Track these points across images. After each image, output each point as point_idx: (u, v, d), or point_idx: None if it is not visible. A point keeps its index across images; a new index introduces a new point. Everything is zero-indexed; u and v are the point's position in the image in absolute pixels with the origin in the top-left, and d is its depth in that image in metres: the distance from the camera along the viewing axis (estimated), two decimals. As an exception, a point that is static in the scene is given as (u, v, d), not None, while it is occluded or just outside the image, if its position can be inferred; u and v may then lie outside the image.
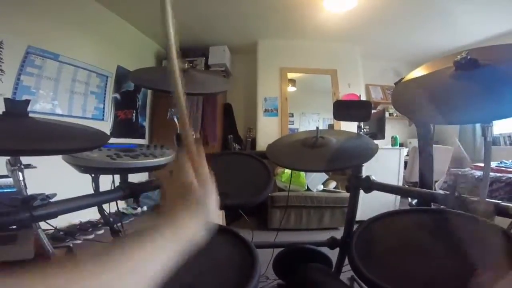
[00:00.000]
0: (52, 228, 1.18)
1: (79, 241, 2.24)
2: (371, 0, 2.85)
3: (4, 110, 0.68)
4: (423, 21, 3.26)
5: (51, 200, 0.70)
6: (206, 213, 0.39)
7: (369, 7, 2.96)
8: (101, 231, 2.46)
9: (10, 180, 1.24)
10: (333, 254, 1.24)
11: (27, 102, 0.69)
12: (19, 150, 0.57)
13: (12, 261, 1.03)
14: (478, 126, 3.66)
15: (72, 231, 2.32)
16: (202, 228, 0.38)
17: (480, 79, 0.69)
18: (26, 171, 0.76)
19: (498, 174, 1.99)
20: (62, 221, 2.31)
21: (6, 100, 0.68)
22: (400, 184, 3.08)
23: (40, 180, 0.99)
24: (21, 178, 0.70)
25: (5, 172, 1.02)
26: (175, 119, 1.04)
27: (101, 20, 3.13)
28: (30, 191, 0.75)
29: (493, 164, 2.23)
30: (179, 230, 0.35)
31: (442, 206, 0.82)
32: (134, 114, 3.73)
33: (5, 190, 1.23)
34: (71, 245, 1.93)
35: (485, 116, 0.63)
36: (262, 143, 3.86)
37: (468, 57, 0.71)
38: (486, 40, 3.51)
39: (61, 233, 2.21)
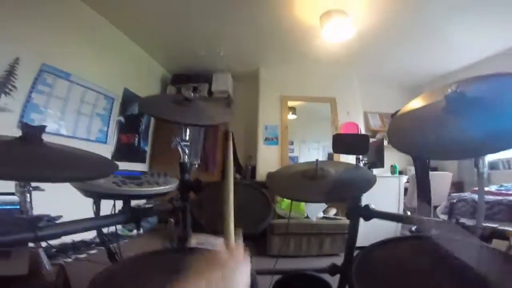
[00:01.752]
0: (49, 246, 1.17)
1: (70, 260, 2.17)
2: (367, 27, 3.00)
3: (20, 134, 0.72)
4: (418, 46, 3.41)
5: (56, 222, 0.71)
6: (228, 286, 0.38)
7: (364, 34, 3.11)
8: (94, 251, 2.41)
9: (10, 198, 1.24)
10: (333, 281, 1.22)
11: (43, 128, 0.72)
12: (33, 176, 0.59)
13: (5, 276, 1.01)
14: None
15: (64, 249, 2.27)
16: None
17: (470, 111, 0.72)
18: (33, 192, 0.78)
19: (499, 197, 2.03)
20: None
21: (23, 124, 0.72)
22: (401, 210, 3.05)
23: (41, 199, 1.00)
24: (28, 200, 0.72)
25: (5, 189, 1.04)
26: (179, 148, 1.08)
27: (112, 40, 3.23)
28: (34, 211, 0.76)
29: (493, 188, 2.27)
30: None
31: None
32: (136, 138, 3.76)
33: (7, 207, 1.23)
34: (63, 263, 1.87)
35: (476, 150, 0.66)
36: (262, 172, 3.86)
37: (458, 90, 0.74)
38: (480, 62, 3.63)
39: (54, 250, 2.16)
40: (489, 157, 0.79)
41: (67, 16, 2.62)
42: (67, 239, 2.42)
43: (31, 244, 1.02)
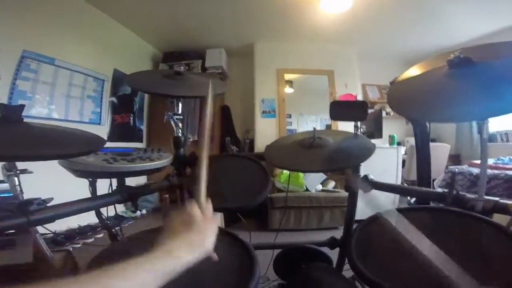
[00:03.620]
0: (51, 232, 1.18)
1: (78, 245, 2.23)
2: (366, 1, 2.87)
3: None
4: (417, 21, 3.30)
5: (47, 205, 0.69)
6: (202, 246, 0.43)
7: (364, 8, 3.00)
8: (101, 235, 2.46)
9: (6, 185, 1.23)
10: (333, 254, 1.24)
11: (21, 107, 0.68)
12: (14, 156, 0.57)
13: (11, 265, 1.03)
14: (474, 123, 3.69)
15: (71, 235, 2.32)
16: (194, 257, 0.41)
17: (474, 77, 0.70)
18: (22, 176, 0.76)
19: (496, 171, 1.99)
20: (61, 225, 2.30)
21: (1, 105, 0.68)
22: (399, 182, 3.09)
23: (36, 185, 0.99)
24: (17, 183, 0.70)
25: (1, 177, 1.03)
26: (172, 122, 1.04)
27: (97, 23, 3.13)
28: (27, 195, 0.74)
29: (491, 161, 2.24)
30: (171, 260, 0.38)
31: (440, 204, 0.82)
32: (131, 118, 3.72)
33: (1, 195, 1.23)
34: (71, 249, 1.92)
35: (480, 113, 0.64)
36: (260, 145, 3.88)
37: (461, 55, 0.71)
38: (478, 38, 3.58)
39: (61, 237, 2.21)
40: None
41: (47, 2, 2.52)
42: (73, 224, 2.47)
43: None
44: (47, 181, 1.57)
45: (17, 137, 0.61)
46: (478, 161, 2.27)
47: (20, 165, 0.76)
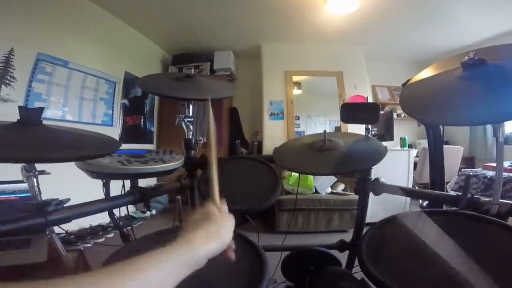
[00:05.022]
0: (63, 232, 1.21)
1: (89, 245, 2.28)
2: (373, 1, 2.84)
3: (18, 118, 0.70)
4: (426, 21, 3.24)
5: (64, 205, 0.71)
6: (221, 237, 0.44)
7: (371, 9, 2.96)
8: (111, 235, 2.50)
9: (22, 186, 1.27)
10: (342, 257, 1.23)
11: (40, 110, 0.71)
12: (34, 158, 0.59)
13: (26, 264, 1.05)
14: (489, 126, 3.59)
15: (82, 235, 2.37)
16: (213, 248, 0.42)
17: (489, 79, 0.68)
18: (40, 176, 0.78)
19: (511, 174, 1.94)
20: (73, 224, 2.34)
21: (20, 108, 0.70)
22: (410, 185, 3.03)
23: (51, 185, 1.01)
24: (35, 184, 0.72)
25: (16, 178, 1.06)
26: (183, 125, 1.06)
27: (108, 26, 3.20)
28: (44, 196, 0.77)
29: (506, 164, 2.19)
30: (191, 249, 0.39)
31: (454, 208, 0.81)
32: (142, 120, 3.78)
33: (20, 195, 1.27)
34: (82, 248, 1.96)
35: (495, 116, 0.62)
36: (269, 147, 3.87)
37: (476, 57, 0.70)
38: (488, 39, 3.50)
39: (72, 236, 2.26)
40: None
41: (60, 5, 2.58)
42: (84, 224, 2.52)
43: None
44: (61, 181, 1.61)
45: (37, 139, 0.63)
46: (493, 164, 2.21)
47: (39, 166, 0.78)
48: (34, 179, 0.73)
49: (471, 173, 2.18)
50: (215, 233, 0.44)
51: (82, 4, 2.82)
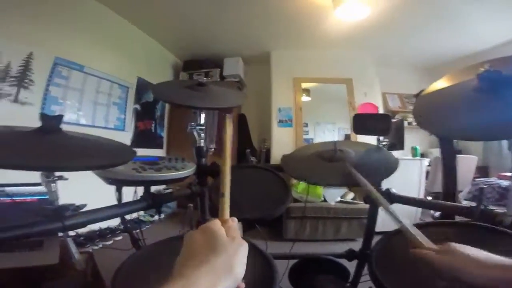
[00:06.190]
0: (75, 234, 1.23)
1: (98, 247, 2.31)
2: (383, 7, 2.82)
3: (37, 123, 0.73)
4: (437, 26, 3.19)
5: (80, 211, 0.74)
6: (230, 272, 0.33)
7: (381, 15, 2.94)
8: (120, 237, 2.53)
9: (39, 188, 1.31)
10: (350, 266, 1.22)
11: (60, 117, 0.74)
12: (55, 167, 0.61)
13: (38, 266, 1.07)
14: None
15: (91, 237, 2.39)
16: None
17: (505, 92, 0.67)
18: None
19: None
20: (84, 227, 2.38)
21: (42, 115, 0.73)
22: (422, 194, 2.98)
23: (66, 188, 1.04)
24: (54, 189, 0.74)
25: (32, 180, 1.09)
26: (195, 133, 1.08)
27: (122, 32, 3.26)
28: (60, 200, 0.79)
29: None
30: None
31: (467, 219, 0.79)
32: (153, 125, 3.84)
33: (38, 197, 1.30)
34: (91, 250, 1.99)
35: (510, 132, 0.61)
36: (277, 154, 3.86)
37: (491, 69, 0.69)
38: (501, 44, 3.40)
39: (82, 238, 2.29)
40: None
41: (76, 11, 2.66)
42: (94, 226, 2.55)
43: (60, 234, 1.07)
44: (75, 185, 1.64)
45: (56, 147, 0.65)
46: (508, 173, 2.16)
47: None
48: (53, 184, 0.76)
49: (485, 184, 2.13)
50: (223, 268, 0.33)
51: (97, 9, 2.89)
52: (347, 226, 2.78)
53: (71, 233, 0.98)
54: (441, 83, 0.87)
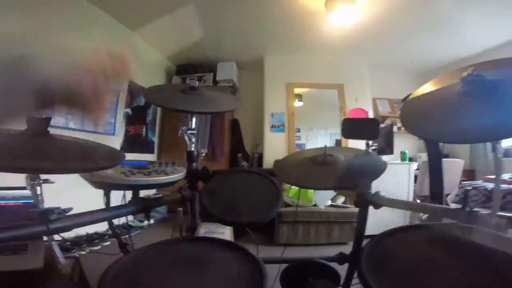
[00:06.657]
0: (61, 238, 1.20)
1: (85, 252, 2.24)
2: (375, 13, 2.89)
3: (26, 127, 0.72)
4: (429, 32, 3.28)
5: (66, 214, 0.72)
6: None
7: (373, 21, 3.01)
8: (108, 243, 2.47)
9: (24, 192, 1.27)
10: (341, 269, 1.22)
11: (48, 120, 0.72)
12: (41, 169, 0.59)
13: (22, 270, 1.04)
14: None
15: (78, 242, 2.33)
16: None
17: (488, 95, 0.69)
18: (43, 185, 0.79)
19: (511, 186, 1.96)
20: (70, 231, 2.31)
21: (28, 118, 0.72)
22: (411, 198, 3.02)
23: (52, 192, 1.02)
24: (39, 192, 0.72)
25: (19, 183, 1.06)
26: (186, 137, 1.07)
27: (113, 34, 3.21)
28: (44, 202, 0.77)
29: (506, 176, 2.21)
30: None
31: (454, 221, 0.81)
32: (144, 129, 3.80)
33: (22, 201, 1.27)
34: (78, 255, 1.93)
35: (494, 134, 0.63)
36: (269, 159, 3.86)
37: (474, 73, 0.71)
38: (495, 48, 3.49)
39: (68, 243, 2.22)
40: (502, 144, 0.77)
41: (63, 9, 2.60)
42: (81, 231, 2.48)
43: (45, 238, 1.05)
44: (61, 188, 1.60)
45: (43, 150, 0.64)
46: (493, 176, 2.21)
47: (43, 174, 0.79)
48: (38, 187, 0.74)
49: (471, 186, 2.19)
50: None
51: (87, 9, 2.84)
52: (339, 230, 2.79)
53: (57, 237, 0.96)
54: (427, 87, 0.89)
